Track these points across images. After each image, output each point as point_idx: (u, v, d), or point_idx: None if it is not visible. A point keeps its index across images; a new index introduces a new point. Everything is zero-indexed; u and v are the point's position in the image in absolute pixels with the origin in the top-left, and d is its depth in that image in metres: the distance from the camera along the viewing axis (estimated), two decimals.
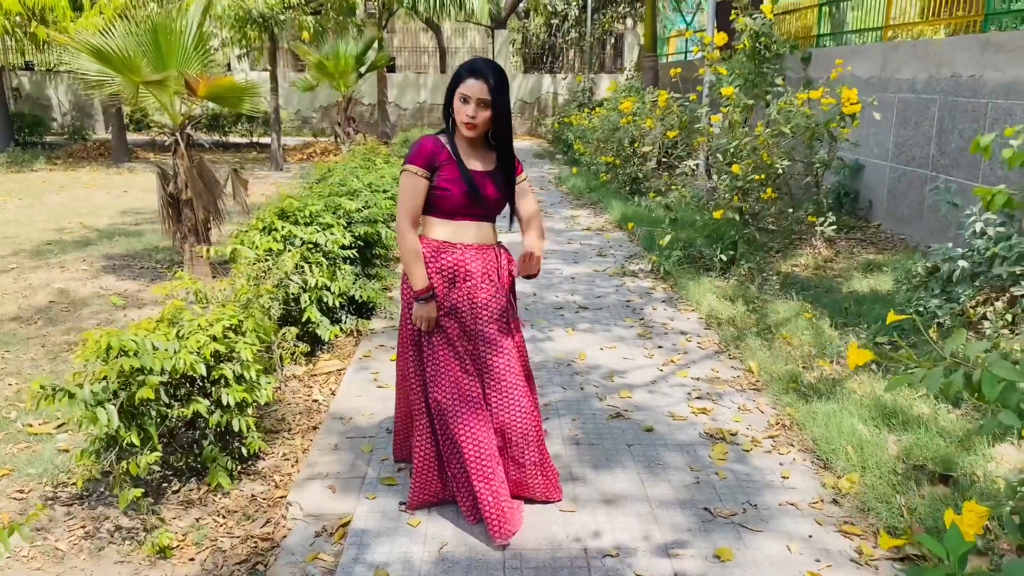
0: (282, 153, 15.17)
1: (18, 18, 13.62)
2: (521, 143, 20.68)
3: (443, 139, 2.97)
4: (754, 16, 6.09)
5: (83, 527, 3.11)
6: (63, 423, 3.99)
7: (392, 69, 23.05)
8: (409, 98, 22.64)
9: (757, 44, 6.12)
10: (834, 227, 7.37)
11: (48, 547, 2.98)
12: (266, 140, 18.47)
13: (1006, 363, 1.62)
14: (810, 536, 3.00)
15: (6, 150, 16.12)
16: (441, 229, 2.98)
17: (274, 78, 14.98)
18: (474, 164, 2.97)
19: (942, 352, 1.72)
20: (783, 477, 3.44)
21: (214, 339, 3.32)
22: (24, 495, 3.34)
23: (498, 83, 2.86)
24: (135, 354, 3.05)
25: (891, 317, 1.73)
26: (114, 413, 2.86)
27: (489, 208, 3.01)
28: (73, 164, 15.29)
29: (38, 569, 2.87)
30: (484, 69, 2.87)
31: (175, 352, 3.16)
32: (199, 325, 3.37)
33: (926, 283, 5.06)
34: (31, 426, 3.99)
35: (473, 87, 2.84)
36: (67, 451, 3.69)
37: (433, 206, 2.96)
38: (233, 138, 18.90)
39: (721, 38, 6.35)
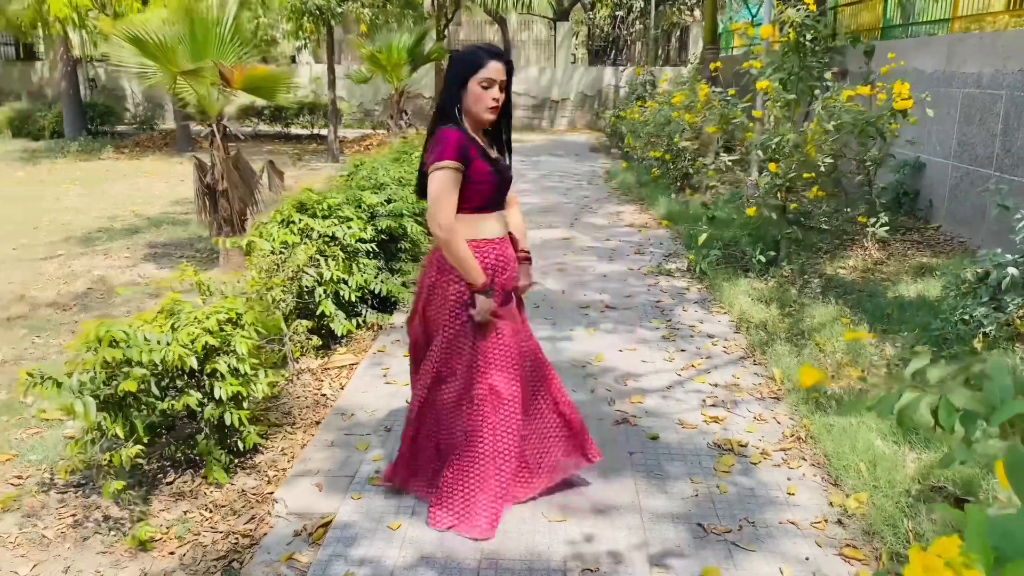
0: (339, 145, 15.31)
1: (89, 13, 14.04)
2: (579, 137, 20.51)
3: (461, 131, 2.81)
4: (797, 7, 5.82)
5: (73, 515, 3.13)
6: None
7: None
8: None
9: (801, 37, 5.84)
10: (886, 228, 7.02)
11: (36, 534, 3.01)
12: (325, 132, 18.71)
13: (965, 390, 1.46)
14: (807, 559, 2.82)
15: (78, 139, 16.71)
16: (478, 224, 2.86)
17: (332, 70, 15.11)
18: (491, 154, 2.91)
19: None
20: (788, 493, 3.25)
21: (208, 332, 3.31)
22: (22, 480, 3.40)
23: (511, 63, 2.84)
24: (123, 345, 3.06)
25: (848, 335, 1.57)
26: (91, 404, 2.86)
27: (504, 196, 3.02)
28: (139, 153, 15.74)
29: (23, 556, 2.90)
30: (501, 51, 2.84)
31: (167, 344, 3.16)
32: (195, 318, 3.37)
33: (975, 290, 4.75)
34: (44, 411, 4.07)
35: (498, 69, 2.77)
36: (73, 438, 3.74)
37: (464, 201, 2.79)
38: (295, 129, 19.20)
39: (766, 31, 6.09)
